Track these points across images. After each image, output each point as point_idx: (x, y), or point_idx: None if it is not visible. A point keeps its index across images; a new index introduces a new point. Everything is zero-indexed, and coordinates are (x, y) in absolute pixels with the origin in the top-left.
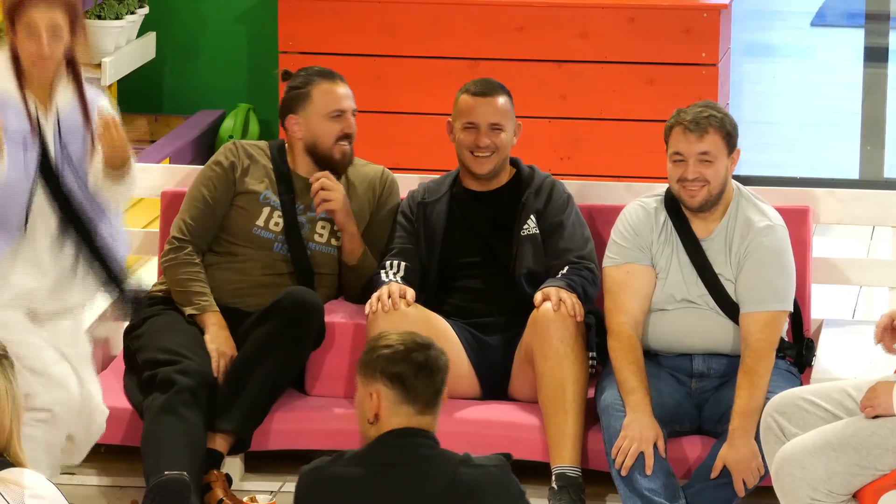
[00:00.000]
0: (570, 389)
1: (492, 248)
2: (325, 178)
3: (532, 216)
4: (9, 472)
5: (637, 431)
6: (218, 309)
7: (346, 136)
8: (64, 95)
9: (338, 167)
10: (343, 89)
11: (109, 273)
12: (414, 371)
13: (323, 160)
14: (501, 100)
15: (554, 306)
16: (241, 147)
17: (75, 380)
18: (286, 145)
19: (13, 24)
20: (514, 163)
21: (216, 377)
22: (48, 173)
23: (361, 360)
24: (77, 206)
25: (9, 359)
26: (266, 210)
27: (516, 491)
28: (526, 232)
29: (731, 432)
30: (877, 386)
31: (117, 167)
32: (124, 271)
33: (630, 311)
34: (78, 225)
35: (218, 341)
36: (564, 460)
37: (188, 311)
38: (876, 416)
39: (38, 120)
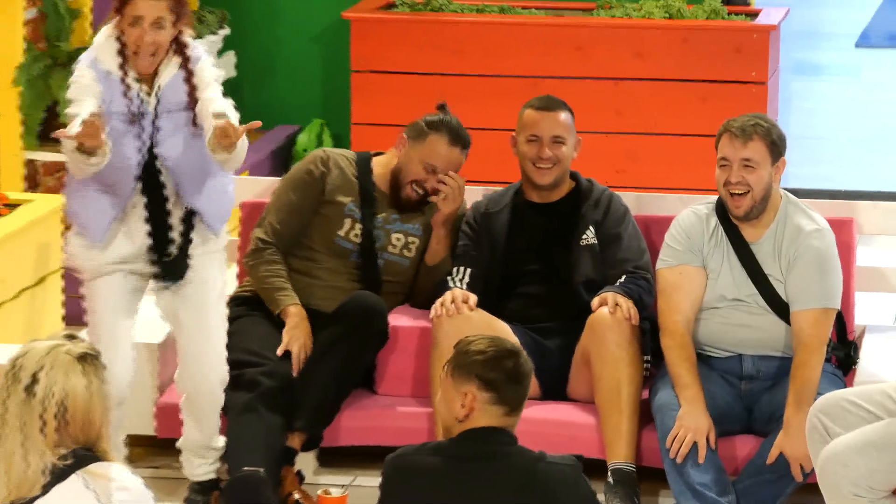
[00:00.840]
0: (626, 391)
1: (551, 257)
2: (459, 184)
3: (590, 227)
4: (97, 466)
5: (692, 422)
6: (299, 302)
7: (420, 186)
8: (168, 72)
9: (402, 202)
10: (448, 152)
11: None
12: (505, 377)
13: (396, 187)
14: (563, 115)
15: (610, 309)
16: (331, 158)
17: (128, 357)
18: (374, 158)
19: (120, 13)
20: (573, 176)
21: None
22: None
23: (455, 362)
24: (167, 177)
25: (99, 359)
26: (348, 221)
27: (586, 491)
28: (584, 242)
29: (785, 421)
30: None
31: (224, 149)
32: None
33: (683, 310)
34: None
35: (295, 331)
36: (620, 457)
37: (275, 310)
38: None
39: (140, 97)
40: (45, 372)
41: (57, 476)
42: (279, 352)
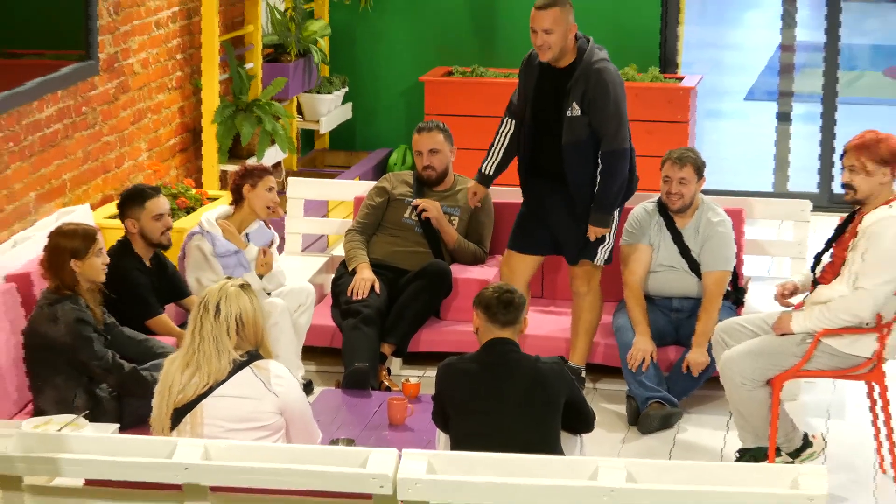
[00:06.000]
0: (583, 328)
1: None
2: (421, 204)
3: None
4: (262, 362)
5: (641, 346)
6: (367, 261)
7: (425, 167)
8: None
9: (427, 182)
10: (421, 137)
11: None
12: (494, 303)
13: (421, 177)
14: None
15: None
16: (393, 175)
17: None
18: None
19: None
20: None
21: (360, 297)
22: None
23: (474, 300)
24: None
25: (252, 288)
26: (409, 208)
27: (568, 378)
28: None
29: (692, 345)
30: (782, 315)
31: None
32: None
33: (637, 272)
34: None
35: (363, 274)
36: (576, 361)
37: (351, 266)
38: (782, 334)
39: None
40: (224, 300)
41: (237, 367)
42: (348, 292)
